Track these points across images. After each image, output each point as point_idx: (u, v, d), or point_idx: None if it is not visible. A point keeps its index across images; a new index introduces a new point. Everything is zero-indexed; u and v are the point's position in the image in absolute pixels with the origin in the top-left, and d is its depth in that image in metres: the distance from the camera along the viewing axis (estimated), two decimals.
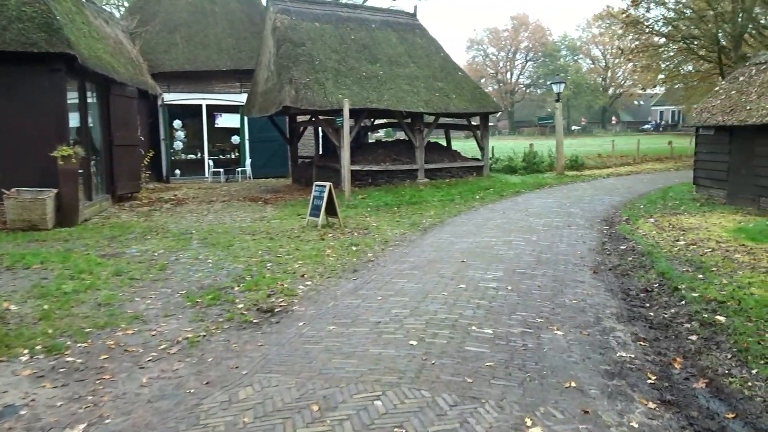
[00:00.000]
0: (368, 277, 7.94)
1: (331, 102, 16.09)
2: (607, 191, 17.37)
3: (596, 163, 25.61)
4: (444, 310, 6.36)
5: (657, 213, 12.88)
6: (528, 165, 22.87)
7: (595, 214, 13.13)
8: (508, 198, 16.27)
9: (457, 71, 20.49)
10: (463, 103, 19.05)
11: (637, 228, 11.18)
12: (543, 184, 19.13)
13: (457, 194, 16.38)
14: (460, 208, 14.26)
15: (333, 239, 10.54)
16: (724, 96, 14.56)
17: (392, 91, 17.65)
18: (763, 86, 13.29)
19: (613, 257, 9.05)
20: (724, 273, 7.55)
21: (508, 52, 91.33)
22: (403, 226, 11.86)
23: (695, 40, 34.64)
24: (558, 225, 11.76)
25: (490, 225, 11.84)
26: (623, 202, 14.98)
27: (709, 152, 14.92)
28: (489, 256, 8.98)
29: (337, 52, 17.77)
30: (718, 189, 14.54)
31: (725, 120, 13.40)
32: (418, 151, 18.76)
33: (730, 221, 11.55)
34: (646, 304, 6.74)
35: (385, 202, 15.06)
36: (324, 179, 18.45)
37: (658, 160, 28.49)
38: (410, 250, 9.61)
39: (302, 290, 7.32)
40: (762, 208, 12.71)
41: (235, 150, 24.15)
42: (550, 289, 7.21)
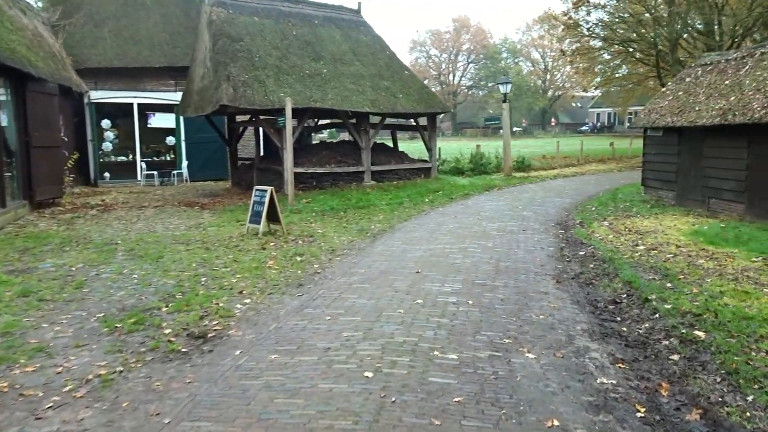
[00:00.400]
0: (315, 292, 7.16)
1: (272, 101, 15.18)
2: (557, 193, 17.15)
3: (542, 164, 25.59)
4: (401, 331, 5.67)
5: (610, 216, 12.62)
6: (475, 166, 22.54)
7: (549, 218, 12.76)
8: (458, 201, 15.78)
9: (404, 70, 19.91)
10: (411, 103, 18.48)
11: (593, 232, 10.83)
12: (492, 186, 18.77)
13: (405, 197, 15.78)
14: (410, 212, 13.64)
15: (275, 248, 9.70)
16: (672, 97, 14.51)
17: (337, 90, 16.88)
18: (710, 87, 13.25)
19: (573, 264, 8.60)
20: (692, 281, 7.17)
21: (450, 53, 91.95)
22: (350, 233, 11.13)
23: (633, 44, 35.39)
24: (513, 229, 11.29)
25: (443, 230, 11.25)
26: (574, 204, 14.73)
27: (658, 153, 14.85)
28: (445, 266, 8.36)
29: (279, 49, 16.86)
30: (667, 190, 14.47)
31: (674, 121, 13.30)
32: (364, 152, 18.06)
33: (683, 223, 11.38)
34: (617, 317, 6.25)
35: (330, 206, 14.29)
36: (265, 182, 17.53)
37: (601, 161, 28.79)
38: (360, 260, 8.89)
39: (240, 310, 6.49)
40: (712, 210, 12.63)
41: (170, 152, 22.80)
42: (514, 303, 6.64)
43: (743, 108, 11.27)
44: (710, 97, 12.79)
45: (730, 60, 13.63)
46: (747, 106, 11.20)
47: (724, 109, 11.78)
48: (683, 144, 13.68)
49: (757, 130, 11.09)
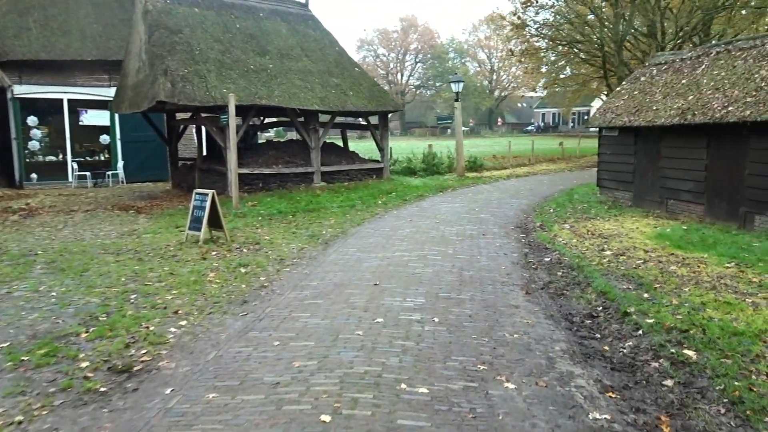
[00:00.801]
0: (261, 310, 6.36)
1: (214, 97, 14.17)
2: (512, 194, 16.76)
3: (494, 164, 25.32)
4: (362, 359, 4.94)
5: (570, 218, 12.25)
6: (428, 166, 22.02)
7: (508, 220, 12.28)
8: (412, 203, 15.16)
9: (354, 67, 19.17)
10: (362, 100, 17.76)
11: (555, 236, 10.38)
12: (446, 187, 18.26)
13: (358, 199, 15.05)
14: (363, 216, 12.92)
15: (217, 258, 8.82)
16: (627, 96, 14.30)
17: (284, 86, 16.00)
18: (667, 86, 13.06)
19: (540, 272, 8.07)
20: (669, 290, 6.73)
21: (398, 53, 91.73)
22: (300, 239, 10.33)
23: (578, 45, 35.74)
24: (472, 234, 10.73)
25: (400, 236, 10.58)
26: (531, 206, 14.34)
27: (614, 154, 14.63)
28: (405, 277, 7.68)
29: (221, 42, 15.84)
30: (623, 191, 14.25)
31: (631, 120, 13.05)
32: (313, 152, 17.23)
33: (645, 226, 11.08)
34: (596, 334, 5.70)
35: (278, 209, 13.42)
36: (208, 184, 16.49)
37: (551, 160, 28.81)
38: (311, 271, 8.11)
39: (174, 334, 5.63)
40: (670, 211, 12.43)
41: (104, 151, 21.34)
42: (484, 319, 6.01)
43: (703, 107, 11.06)
44: (667, 97, 12.59)
45: (685, 59, 13.50)
46: (707, 106, 10.99)
47: (683, 109, 11.57)
48: (640, 144, 13.47)
49: (716, 130, 10.90)
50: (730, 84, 11.03)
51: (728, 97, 10.70)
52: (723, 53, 12.28)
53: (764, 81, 10.24)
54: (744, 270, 7.41)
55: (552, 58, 41.02)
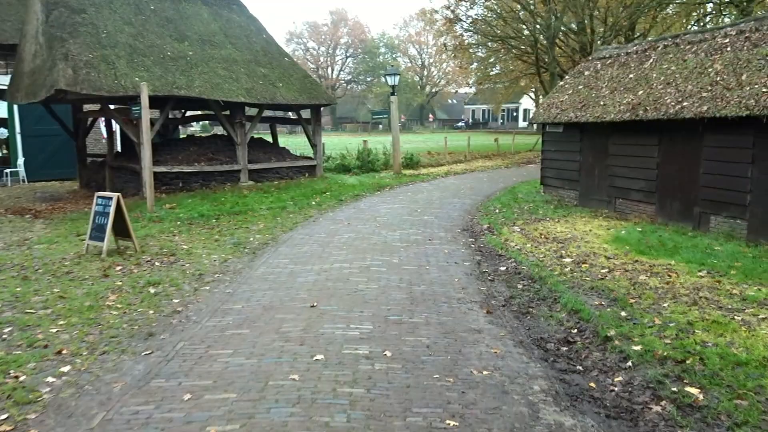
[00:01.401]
0: (171, 347, 5.11)
1: (124, 86, 12.57)
2: (453, 193, 15.95)
3: (430, 161, 24.54)
4: (299, 419, 3.82)
5: (518, 219, 11.50)
6: (363, 164, 20.95)
7: (453, 222, 11.40)
8: (349, 203, 14.06)
9: (283, 57, 17.83)
10: (292, 93, 16.49)
11: (506, 240, 9.56)
12: (383, 186, 17.26)
13: (289, 200, 13.81)
14: (295, 219, 11.72)
15: (123, 275, 7.44)
16: (572, 91, 13.74)
17: (206, 76, 14.52)
18: (614, 81, 12.55)
19: (498, 284, 7.18)
20: (647, 307, 5.96)
21: (328, 47, 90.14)
22: (224, 249, 9.04)
23: (512, 41, 35.67)
24: (417, 239, 9.76)
25: (338, 242, 9.48)
26: (475, 206, 13.55)
27: (558, 151, 14.05)
28: (347, 295, 6.60)
29: (132, 25, 14.16)
30: (569, 190, 13.69)
31: (578, 116, 12.46)
32: (239, 148, 15.81)
33: (598, 228, 10.45)
34: (577, 365, 4.82)
35: (200, 212, 12.01)
36: (120, 183, 14.81)
37: (487, 157, 28.36)
38: (236, 289, 6.89)
39: (51, 387, 4.33)
40: (619, 211, 11.92)
41: (2, 146, 19.07)
42: (444, 350, 5.03)
43: (654, 103, 10.53)
44: (615, 92, 12.06)
45: (630, 53, 13.04)
46: (659, 101, 10.47)
47: (633, 104, 11.03)
48: (586, 141, 12.92)
49: (669, 126, 10.40)
50: (682, 78, 10.55)
51: (681, 92, 10.20)
52: (671, 47, 11.85)
53: (719, 75, 9.78)
54: (719, 280, 6.77)
55: (481, 55, 40.88)
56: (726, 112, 8.89)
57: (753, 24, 10.28)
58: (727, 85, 9.41)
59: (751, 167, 8.94)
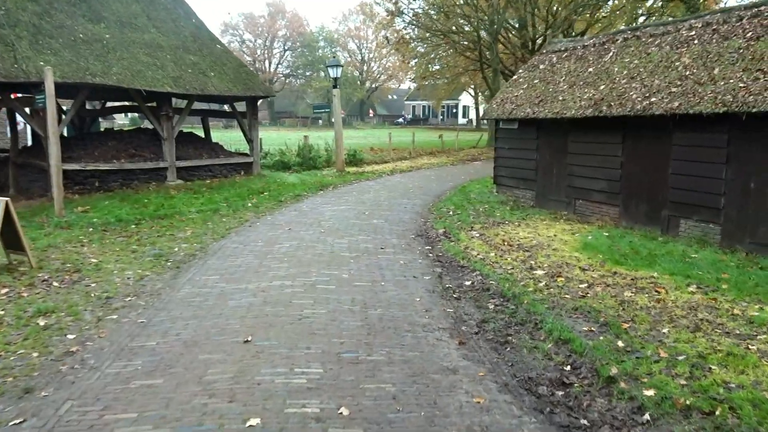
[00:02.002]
0: (53, 411, 3.83)
1: (26, 71, 10.89)
2: (402, 193, 14.93)
3: (374, 158, 23.48)
4: None
5: (475, 222, 10.59)
6: (304, 161, 19.66)
7: (405, 227, 10.38)
8: (289, 204, 12.81)
9: (216, 43, 16.34)
10: (225, 83, 15.06)
11: (466, 247, 8.61)
12: (326, 185, 16.06)
13: (222, 201, 12.45)
14: (229, 224, 10.41)
15: (8, 300, 6.02)
16: (527, 85, 12.97)
17: (125, 62, 12.92)
18: (572, 75, 11.83)
19: (466, 304, 6.19)
20: (645, 334, 5.09)
21: (265, 39, 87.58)
22: (142, 262, 7.69)
23: (454, 36, 35.06)
24: (368, 248, 8.67)
25: (278, 253, 8.26)
26: (427, 207, 12.59)
27: (513, 149, 13.25)
28: (289, 324, 5.44)
29: (37, 2, 12.39)
30: (524, 190, 12.92)
31: (536, 112, 11.67)
32: (166, 143, 14.27)
33: (561, 232, 9.66)
34: (581, 418, 3.86)
35: (117, 216, 10.52)
36: (27, 183, 13.06)
37: (431, 154, 27.54)
38: (151, 318, 5.61)
39: None
40: (579, 213, 11.21)
41: None
42: (416, 402, 3.97)
43: (619, 98, 9.83)
44: (574, 86, 11.33)
45: (587, 46, 12.36)
46: (623, 96, 9.77)
47: (596, 100, 10.31)
48: (543, 138, 12.16)
49: (634, 123, 9.72)
50: (647, 73, 9.89)
51: (648, 86, 9.53)
52: (632, 40, 11.21)
53: (688, 69, 9.14)
54: (714, 297, 6.01)
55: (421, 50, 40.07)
56: (700, 109, 8.23)
57: (720, 16, 9.72)
58: (698, 79, 8.77)
59: (726, 168, 8.34)
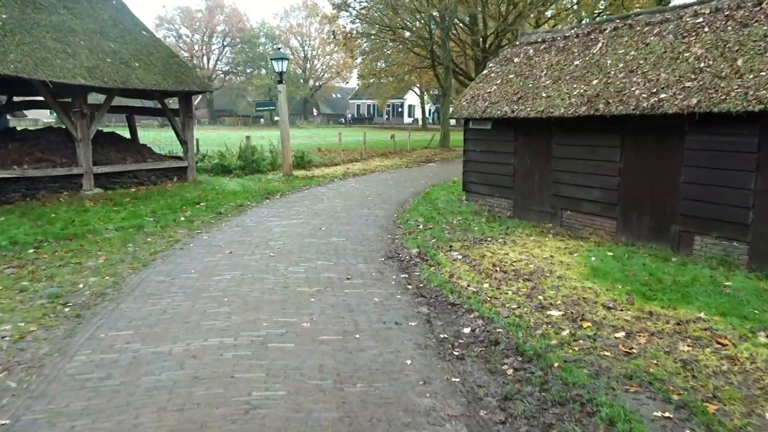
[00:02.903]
0: None
1: None
2: (360, 201, 13.21)
3: (323, 160, 21.64)
4: None
5: (453, 240, 9.00)
6: (246, 164, 17.65)
7: (371, 246, 8.69)
8: (230, 218, 10.90)
9: (141, 30, 14.16)
10: (153, 76, 12.97)
11: (451, 275, 7.02)
12: (273, 192, 14.16)
13: (149, 215, 10.44)
14: (154, 246, 8.46)
15: None
16: (501, 81, 11.51)
17: (27, 47, 10.71)
18: (554, 69, 10.43)
19: (474, 368, 4.56)
20: (746, 424, 3.60)
21: (203, 35, 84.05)
22: (31, 307, 5.72)
23: (405, 31, 33.60)
24: (331, 278, 6.93)
25: (215, 289, 6.42)
26: (391, 218, 10.95)
27: (486, 152, 11.76)
28: (231, 423, 3.66)
29: None
30: (499, 198, 11.46)
31: (515, 111, 10.21)
32: (81, 145, 12.08)
33: (555, 250, 8.20)
34: None
35: (12, 237, 8.41)
36: None
37: (384, 155, 25.89)
38: (19, 417, 3.72)
39: None
40: (567, 225, 9.83)
41: None
42: None
43: (618, 94, 8.46)
44: (560, 81, 9.93)
45: (570, 37, 11.01)
46: (623, 92, 8.41)
47: (589, 96, 8.91)
48: (522, 140, 10.73)
49: (636, 124, 8.38)
50: (649, 65, 8.56)
51: (653, 81, 8.19)
52: (624, 29, 9.90)
53: (702, 61, 7.84)
54: None
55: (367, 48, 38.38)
56: (727, 107, 6.91)
57: (731, 1, 8.48)
58: (717, 72, 7.47)
59: (756, 176, 7.05)
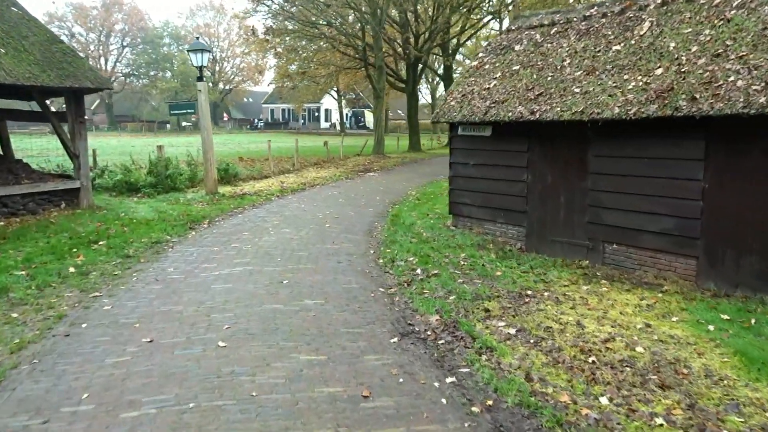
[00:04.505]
0: None
1: None
2: (316, 231, 10.16)
3: (251, 172, 18.31)
4: None
5: (481, 295, 6.25)
6: (159, 180, 14.15)
7: (366, 314, 5.76)
8: (144, 264, 7.59)
9: (8, 5, 10.49)
10: (26, 66, 9.42)
11: (529, 377, 4.27)
12: (198, 218, 10.86)
13: (19, 267, 7.01)
14: (20, 331, 5.13)
15: None
16: (502, 74, 8.93)
17: None
18: (580, 56, 7.97)
19: None
20: None
21: (99, 34, 77.22)
22: None
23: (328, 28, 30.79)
24: (336, 398, 3.96)
25: None
26: (368, 257, 8.05)
27: (483, 165, 9.13)
28: None
29: None
30: (504, 224, 8.87)
31: (538, 111, 7.63)
32: None
33: (636, 310, 5.63)
34: None
35: None
36: None
37: (317, 164, 22.79)
38: None
39: None
40: (613, 263, 7.36)
41: None
42: None
43: (709, 87, 6.06)
44: (597, 72, 7.47)
45: (593, 17, 8.60)
46: (717, 84, 6.02)
47: (659, 90, 6.47)
48: (538, 150, 8.19)
49: (731, 128, 6.03)
50: (747, 47, 6.23)
51: (763, 68, 5.85)
52: (679, 3, 7.58)
53: None
54: None
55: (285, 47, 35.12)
56: None
57: None
58: None
59: None
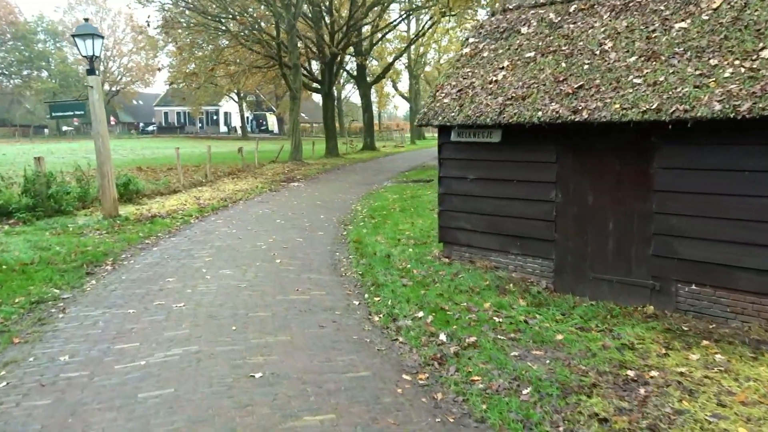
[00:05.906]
0: None
1: None
2: (267, 269, 7.65)
3: (156, 186, 15.26)
4: None
5: (580, 391, 4.19)
6: (38, 201, 10.93)
7: None
8: (19, 348, 4.84)
9: None
10: None
11: None
12: (96, 258, 7.95)
13: None
14: None
15: None
16: (510, 63, 6.93)
17: None
18: (626, 36, 6.12)
19: None
20: None
21: None
22: None
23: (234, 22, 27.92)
24: None
25: None
26: (366, 318, 5.77)
27: (489, 180, 7.08)
28: None
29: None
30: (521, 257, 6.86)
31: (586, 109, 5.68)
32: None
33: None
34: None
35: None
36: None
37: (232, 174, 19.86)
38: None
39: None
40: (691, 310, 5.55)
41: None
42: None
43: None
44: (658, 59, 5.63)
45: None
46: None
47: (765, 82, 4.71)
48: (572, 161, 6.26)
49: None
50: None
51: None
52: None
53: None
54: None
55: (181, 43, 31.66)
56: None
57: None
58: None
59: None
